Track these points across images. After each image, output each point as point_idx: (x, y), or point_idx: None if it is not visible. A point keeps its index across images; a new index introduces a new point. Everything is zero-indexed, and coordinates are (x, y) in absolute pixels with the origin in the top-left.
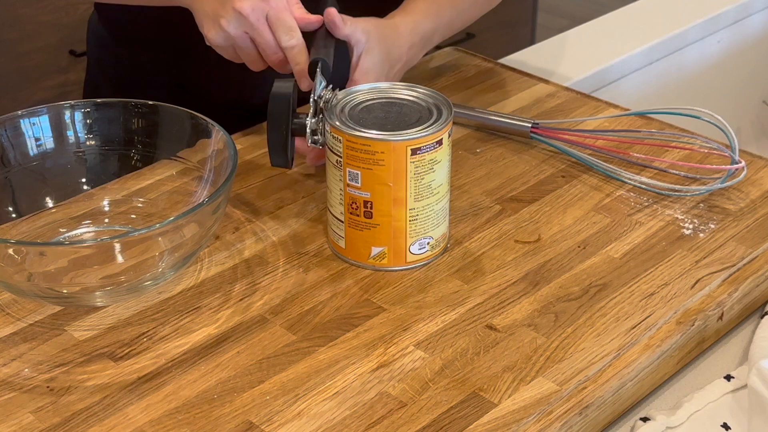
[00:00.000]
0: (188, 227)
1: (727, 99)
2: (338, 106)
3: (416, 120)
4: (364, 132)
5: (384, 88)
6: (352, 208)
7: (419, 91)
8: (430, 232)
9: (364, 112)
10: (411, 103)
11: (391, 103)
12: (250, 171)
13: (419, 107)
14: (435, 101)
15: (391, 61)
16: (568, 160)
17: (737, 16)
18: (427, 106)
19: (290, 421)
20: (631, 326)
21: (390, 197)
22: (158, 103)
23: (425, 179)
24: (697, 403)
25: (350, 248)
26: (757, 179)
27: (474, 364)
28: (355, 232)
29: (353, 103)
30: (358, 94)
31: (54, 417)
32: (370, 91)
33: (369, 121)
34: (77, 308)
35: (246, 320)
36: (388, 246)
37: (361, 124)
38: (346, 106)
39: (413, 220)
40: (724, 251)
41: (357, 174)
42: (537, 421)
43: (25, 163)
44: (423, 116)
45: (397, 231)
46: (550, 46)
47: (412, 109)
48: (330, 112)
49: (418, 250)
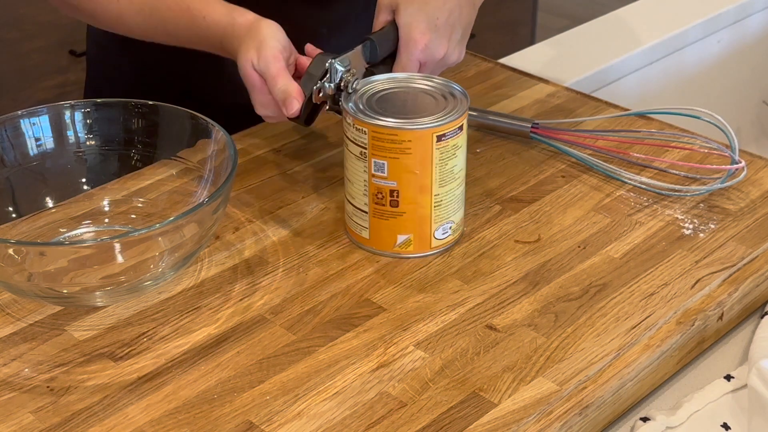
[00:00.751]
0: (188, 227)
1: (727, 99)
2: (356, 96)
3: (435, 108)
4: (389, 121)
5: (400, 78)
6: (377, 198)
7: (435, 81)
8: (452, 216)
9: (382, 101)
10: (426, 92)
11: (407, 92)
12: (250, 171)
13: (434, 95)
14: (450, 90)
15: (432, 4)
16: (568, 160)
17: (737, 16)
18: (442, 94)
19: (290, 421)
20: (631, 326)
21: (417, 185)
22: (158, 103)
23: (448, 165)
24: (697, 403)
25: (375, 238)
26: (757, 179)
27: (474, 364)
28: (380, 221)
29: (370, 92)
30: (376, 83)
31: (54, 417)
32: (387, 81)
33: (390, 110)
34: (77, 308)
35: (246, 320)
36: (413, 233)
37: (385, 114)
38: (363, 96)
39: (437, 206)
40: (724, 251)
41: (383, 164)
42: (537, 421)
43: (25, 163)
44: (440, 104)
45: (423, 218)
46: (550, 46)
47: (426, 98)
48: (350, 103)
49: (441, 235)
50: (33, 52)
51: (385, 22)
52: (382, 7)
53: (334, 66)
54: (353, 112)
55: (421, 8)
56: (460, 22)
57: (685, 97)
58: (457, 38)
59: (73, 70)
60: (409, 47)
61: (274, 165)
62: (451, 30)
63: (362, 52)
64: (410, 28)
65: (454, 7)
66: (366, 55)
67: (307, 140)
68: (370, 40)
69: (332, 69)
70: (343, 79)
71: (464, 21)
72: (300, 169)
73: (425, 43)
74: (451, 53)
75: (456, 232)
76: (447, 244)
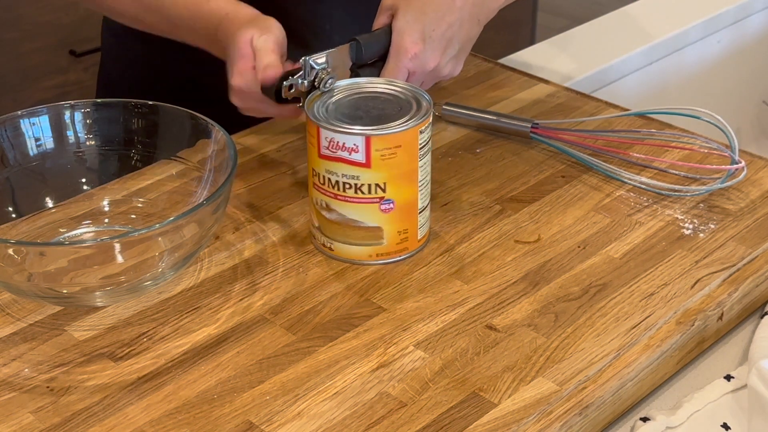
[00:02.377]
0: (188, 227)
1: (727, 99)
2: (325, 96)
3: (374, 115)
4: (319, 117)
5: (374, 83)
6: None
7: (401, 87)
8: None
9: (343, 102)
10: (387, 100)
11: (373, 98)
12: (250, 171)
13: (396, 105)
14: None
15: (431, 15)
16: (568, 160)
17: (737, 16)
18: (400, 106)
19: (290, 421)
20: (631, 326)
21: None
22: (158, 103)
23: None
24: (697, 403)
25: None
26: (757, 179)
27: (474, 364)
28: None
29: (346, 93)
30: (352, 85)
31: (54, 417)
32: (365, 84)
33: (342, 112)
34: (77, 308)
35: (246, 320)
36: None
37: (333, 114)
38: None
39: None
40: (724, 251)
41: None
42: (537, 421)
43: (25, 163)
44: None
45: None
46: (550, 46)
47: (386, 106)
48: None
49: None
50: (33, 52)
51: (382, 24)
52: (383, 8)
53: (308, 63)
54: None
55: (418, 18)
56: (459, 37)
57: (685, 97)
58: (452, 53)
59: (73, 70)
60: (399, 54)
61: (274, 165)
62: (446, 43)
63: (348, 52)
64: (403, 35)
65: (454, 21)
66: (352, 56)
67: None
68: (356, 41)
69: (306, 66)
70: (317, 77)
71: (464, 36)
72: (300, 169)
73: (415, 52)
74: (443, 67)
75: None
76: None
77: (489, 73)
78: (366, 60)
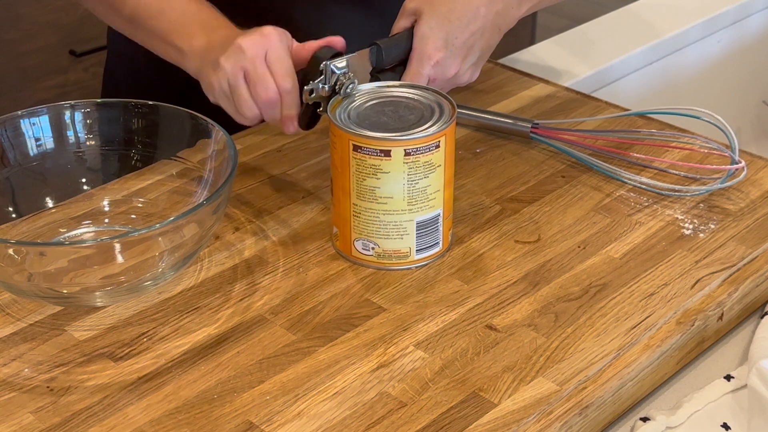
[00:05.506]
0: (188, 227)
1: (727, 99)
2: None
3: (399, 123)
4: (340, 117)
5: (395, 87)
6: None
7: (426, 93)
8: (374, 236)
9: (366, 107)
10: (411, 107)
11: (397, 103)
12: (250, 171)
13: (419, 114)
14: (435, 108)
15: (455, 22)
16: (568, 160)
17: (737, 16)
18: (422, 115)
19: (290, 421)
20: (631, 326)
21: (339, 183)
22: (158, 103)
23: (366, 182)
24: (697, 403)
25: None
26: (757, 179)
27: (474, 364)
28: (330, 206)
29: (366, 98)
30: (376, 90)
31: (54, 417)
32: (385, 88)
33: (370, 117)
34: (77, 308)
35: (246, 320)
36: (339, 229)
37: (361, 120)
38: (355, 100)
39: (356, 216)
40: (724, 251)
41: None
42: (537, 421)
43: (25, 163)
44: (411, 122)
45: (344, 219)
46: (550, 46)
47: (409, 113)
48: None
49: (362, 249)
50: (33, 52)
51: (403, 28)
52: (404, 12)
53: (329, 68)
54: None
55: (442, 24)
56: (480, 45)
57: (685, 97)
58: (472, 60)
59: (73, 70)
60: (422, 60)
61: (275, 165)
62: (467, 51)
63: (369, 56)
64: (426, 41)
65: (477, 30)
66: (372, 60)
67: (307, 140)
68: (376, 45)
69: (327, 71)
70: (338, 82)
71: (484, 44)
72: (300, 169)
73: (437, 59)
74: (463, 74)
75: (383, 258)
76: (370, 263)
77: (489, 73)
78: (386, 64)
